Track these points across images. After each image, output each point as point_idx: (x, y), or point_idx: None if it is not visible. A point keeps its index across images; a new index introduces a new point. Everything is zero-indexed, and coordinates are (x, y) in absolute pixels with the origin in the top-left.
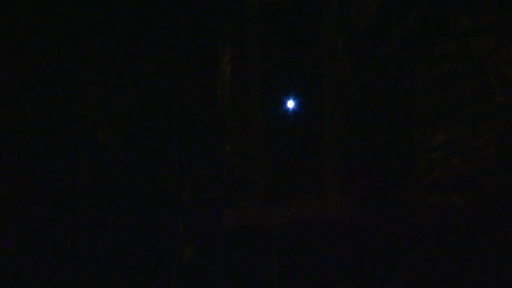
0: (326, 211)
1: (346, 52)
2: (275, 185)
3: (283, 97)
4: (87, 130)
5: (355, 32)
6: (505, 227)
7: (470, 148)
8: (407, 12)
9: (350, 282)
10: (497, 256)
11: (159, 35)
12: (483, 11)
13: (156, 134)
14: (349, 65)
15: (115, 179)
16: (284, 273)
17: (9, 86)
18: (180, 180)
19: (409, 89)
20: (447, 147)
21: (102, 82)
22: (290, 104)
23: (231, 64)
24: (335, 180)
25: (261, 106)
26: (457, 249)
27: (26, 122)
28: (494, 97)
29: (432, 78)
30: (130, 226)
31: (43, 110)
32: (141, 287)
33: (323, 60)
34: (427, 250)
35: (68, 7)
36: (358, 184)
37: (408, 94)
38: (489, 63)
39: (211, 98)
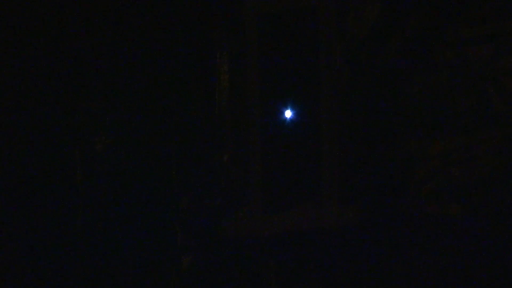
0: (325, 221)
1: (344, 61)
2: (273, 194)
3: (281, 106)
4: (85, 140)
5: (353, 41)
6: (503, 236)
7: (468, 157)
8: (405, 21)
9: None
10: (495, 264)
11: (158, 44)
12: (482, 20)
13: (155, 143)
14: (347, 74)
15: (113, 189)
16: (282, 283)
17: (9, 95)
18: (179, 189)
19: (407, 98)
20: (445, 156)
21: (100, 92)
22: (288, 113)
23: (230, 73)
24: (333, 189)
25: (260, 115)
26: (456, 258)
27: (25, 131)
28: (492, 106)
29: (430, 87)
30: (129, 235)
31: (41, 120)
32: None
33: (321, 69)
34: (426, 259)
35: (67, 14)
36: (356, 194)
37: (406, 103)
38: (487, 72)
39: (210, 107)
